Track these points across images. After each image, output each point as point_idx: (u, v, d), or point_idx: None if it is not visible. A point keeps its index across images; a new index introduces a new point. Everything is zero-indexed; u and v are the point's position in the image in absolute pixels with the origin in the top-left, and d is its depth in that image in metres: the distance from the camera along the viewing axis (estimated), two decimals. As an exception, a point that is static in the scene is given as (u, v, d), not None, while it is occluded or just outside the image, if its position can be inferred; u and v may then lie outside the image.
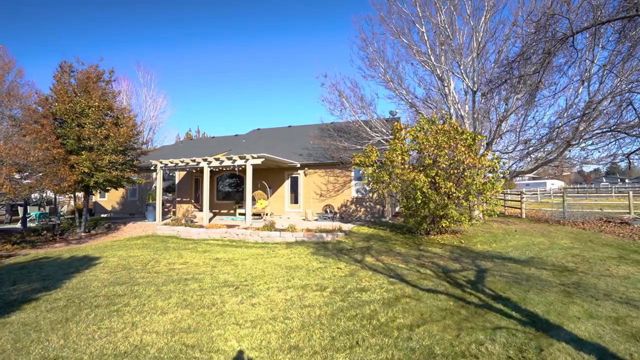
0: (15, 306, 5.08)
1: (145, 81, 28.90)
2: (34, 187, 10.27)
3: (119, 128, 12.36)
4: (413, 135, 10.59)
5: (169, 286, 5.86)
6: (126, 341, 3.77)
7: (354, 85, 14.96)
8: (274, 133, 21.77)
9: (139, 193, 20.26)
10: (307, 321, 4.18)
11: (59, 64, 12.28)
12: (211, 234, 11.37)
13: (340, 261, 7.61)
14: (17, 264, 8.43)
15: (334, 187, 15.78)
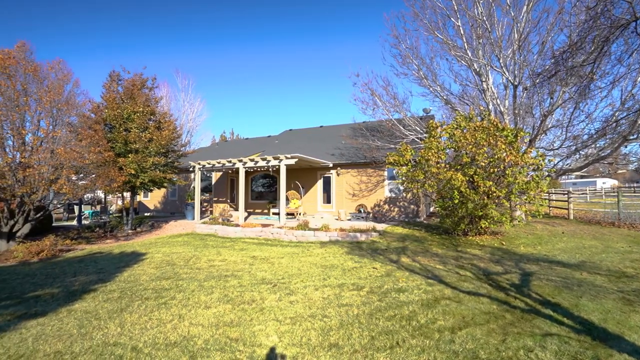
0: (77, 295, 5.56)
1: (183, 86, 30.39)
2: (89, 188, 11.17)
3: (161, 131, 13.11)
4: (449, 133, 10.26)
5: (210, 282, 6.13)
6: (175, 332, 4.00)
7: (387, 83, 14.74)
8: (306, 133, 22.00)
9: (179, 193, 21.32)
10: (346, 320, 4.20)
11: (108, 74, 13.28)
12: (247, 232, 11.73)
13: (376, 261, 7.55)
14: (76, 258, 9.20)
15: (366, 186, 15.66)
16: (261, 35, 76.21)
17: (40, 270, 7.75)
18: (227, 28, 73.19)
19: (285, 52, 76.73)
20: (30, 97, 9.58)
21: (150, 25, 68.28)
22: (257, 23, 73.11)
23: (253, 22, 72.84)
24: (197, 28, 71.41)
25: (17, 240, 10.12)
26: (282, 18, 72.14)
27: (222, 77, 72.53)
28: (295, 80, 78.56)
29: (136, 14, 65.56)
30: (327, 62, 76.14)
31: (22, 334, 4.08)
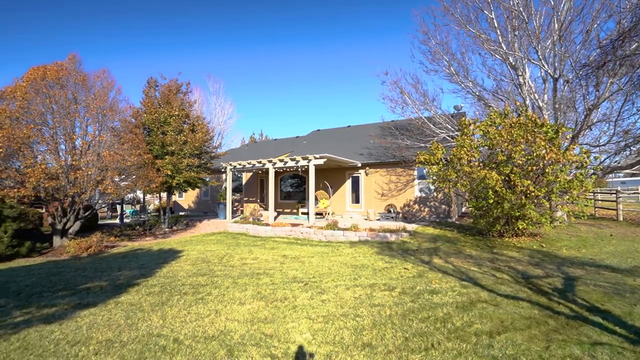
0: (122, 289, 5.94)
1: (215, 90, 31.49)
2: (130, 188, 11.89)
3: (194, 134, 13.68)
4: (483, 130, 9.88)
5: (243, 279, 6.32)
6: (212, 326, 4.17)
7: (416, 81, 14.45)
8: (334, 133, 22.04)
9: (211, 193, 22.11)
10: (378, 320, 4.18)
11: (147, 80, 14.06)
12: (277, 232, 11.95)
13: (407, 262, 7.44)
14: (120, 254, 9.82)
15: (396, 186, 15.44)
16: (289, 37, 77.17)
17: (90, 265, 8.35)
18: (256, 29, 74.78)
19: (313, 53, 77.18)
20: (79, 104, 10.35)
21: (181, 27, 71.06)
22: (286, 25, 74.06)
23: (282, 23, 73.84)
24: (227, 30, 73.49)
25: (69, 236, 10.97)
26: (311, 21, 72.58)
27: (251, 79, 74.20)
28: (322, 81, 78.80)
29: (167, 15, 68.55)
30: (354, 61, 75.70)
31: (78, 322, 4.43)
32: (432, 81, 42.07)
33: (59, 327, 4.29)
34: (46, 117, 9.94)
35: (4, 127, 8.85)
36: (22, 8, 61.65)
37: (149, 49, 72.09)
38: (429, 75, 29.09)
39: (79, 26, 68.92)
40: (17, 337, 3.98)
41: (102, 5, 65.89)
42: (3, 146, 8.73)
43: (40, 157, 9.90)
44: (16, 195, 9.08)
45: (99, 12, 66.26)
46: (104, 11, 66.21)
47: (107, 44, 70.41)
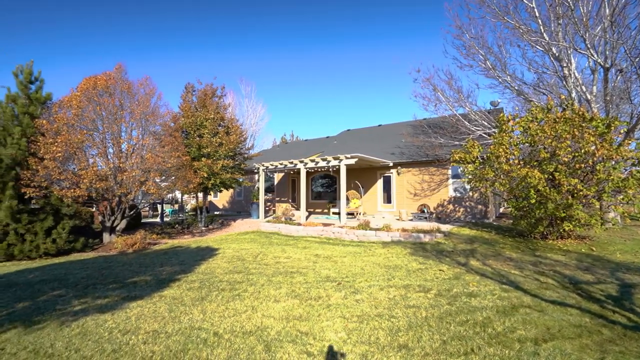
0: (165, 284, 6.29)
1: (247, 93, 32.43)
2: (170, 188, 12.55)
3: (229, 136, 14.18)
4: (523, 126, 9.37)
5: (277, 277, 6.46)
6: (250, 322, 4.31)
7: (449, 77, 13.97)
8: (364, 133, 21.88)
9: (244, 193, 22.77)
10: (414, 322, 4.12)
11: (184, 86, 14.77)
12: (309, 231, 12.08)
13: (442, 263, 7.24)
14: (161, 250, 10.40)
15: (429, 185, 15.05)
16: (320, 38, 77.49)
17: (135, 260, 8.92)
18: (286, 31, 75.87)
19: (343, 53, 76.94)
20: (125, 110, 11.09)
21: (214, 30, 73.61)
22: (317, 25, 74.51)
23: (313, 24, 74.37)
24: (258, 32, 75.15)
25: (116, 233, 11.79)
26: (342, 22, 72.46)
27: (282, 80, 75.31)
28: (353, 81, 78.33)
29: (200, 17, 71.29)
30: (384, 60, 74.64)
31: (127, 312, 4.76)
32: (466, 77, 40.50)
33: (111, 316, 4.63)
34: (97, 123, 10.75)
35: (62, 133, 9.70)
36: (62, 20, 66.96)
37: (183, 54, 75.41)
38: (463, 71, 27.92)
39: (118, 35, 73.61)
40: (77, 324, 4.35)
41: (139, 13, 69.96)
42: (61, 150, 9.57)
43: (91, 160, 10.73)
44: (72, 195, 9.91)
45: (135, 17, 70.38)
46: (139, 15, 70.23)
47: (144, 47, 74.53)
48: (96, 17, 68.08)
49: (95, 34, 71.06)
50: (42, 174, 9.52)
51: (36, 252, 9.82)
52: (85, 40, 72.20)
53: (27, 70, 10.76)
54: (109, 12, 67.22)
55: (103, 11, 66.71)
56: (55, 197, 10.19)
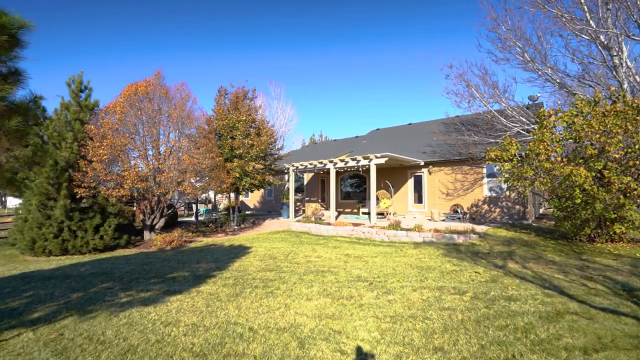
0: (202, 280, 6.56)
1: (276, 94, 33.02)
2: (205, 188, 13.07)
3: (260, 137, 14.52)
4: (567, 121, 8.81)
5: (309, 276, 6.53)
6: (283, 319, 4.39)
7: (484, 72, 13.40)
8: (394, 132, 21.55)
9: (274, 193, 23.20)
10: (449, 324, 4.01)
11: (217, 89, 15.32)
12: (338, 231, 12.09)
13: (477, 265, 6.97)
14: (197, 248, 10.85)
15: (462, 185, 14.54)
16: (348, 38, 77.11)
17: (173, 257, 9.37)
18: (313, 32, 76.30)
19: (370, 53, 76.09)
20: (162, 115, 11.69)
21: (242, 31, 75.35)
22: (345, 25, 74.21)
23: (340, 24, 74.19)
24: (286, 33, 76.09)
25: (155, 231, 12.45)
26: (368, 23, 71.70)
27: (310, 80, 75.77)
28: (381, 80, 77.23)
29: (227, 18, 73.30)
30: (413, 58, 72.99)
31: (168, 306, 5.02)
32: (503, 71, 38.46)
33: (153, 309, 4.91)
34: (138, 127, 11.43)
35: (108, 137, 10.41)
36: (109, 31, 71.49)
37: (214, 54, 77.93)
38: (499, 65, 26.51)
39: (155, 40, 77.52)
40: (124, 315, 4.66)
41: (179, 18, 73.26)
42: (107, 153, 10.27)
43: (133, 162, 11.41)
44: (116, 194, 10.61)
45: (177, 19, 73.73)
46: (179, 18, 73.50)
47: (177, 49, 77.81)
48: (135, 24, 72.26)
49: (133, 39, 75.44)
50: (90, 175, 10.26)
51: (86, 248, 10.60)
52: (124, 44, 76.83)
53: (78, 80, 11.65)
54: (145, 22, 71.09)
55: (141, 20, 70.69)
56: (102, 196, 10.95)
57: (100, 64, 74.24)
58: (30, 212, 10.42)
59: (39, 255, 10.28)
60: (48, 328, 4.28)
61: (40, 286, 6.50)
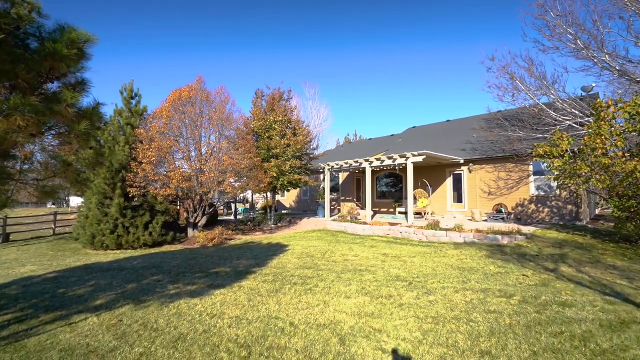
0: (243, 275, 6.81)
1: (311, 95, 33.38)
2: (243, 188, 13.54)
3: (296, 137, 14.76)
4: (630, 112, 8.01)
5: (347, 275, 6.54)
6: (323, 316, 4.44)
7: (530, 63, 12.55)
8: (431, 129, 20.90)
9: (310, 193, 23.45)
10: (496, 328, 3.82)
11: (255, 92, 15.82)
12: (375, 230, 11.96)
13: (525, 268, 6.58)
14: (236, 245, 11.27)
15: (505, 184, 13.77)
16: (382, 38, 75.91)
17: (215, 253, 9.81)
18: (347, 31, 75.97)
19: (406, 52, 74.29)
20: (204, 118, 12.28)
21: (276, 32, 76.79)
22: (379, 26, 73.20)
23: (376, 25, 73.27)
24: (321, 32, 76.45)
25: (198, 229, 13.11)
26: (405, 23, 70.06)
27: (344, 80, 75.54)
28: (417, 77, 75.12)
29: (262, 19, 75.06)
30: (449, 55, 70.23)
31: (212, 299, 5.28)
32: (551, 61, 35.54)
33: (200, 301, 5.18)
34: (182, 130, 12.11)
35: (155, 140, 11.15)
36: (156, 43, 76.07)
37: (251, 56, 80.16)
38: (547, 55, 24.51)
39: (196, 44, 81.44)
40: (173, 306, 4.97)
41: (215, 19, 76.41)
42: (155, 155, 11.01)
43: (178, 163, 12.11)
44: (164, 194, 11.32)
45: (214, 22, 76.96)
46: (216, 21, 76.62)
47: (216, 49, 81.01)
48: (174, 27, 76.40)
49: (172, 41, 79.77)
50: (141, 175, 11.05)
51: (137, 243, 11.42)
52: (164, 46, 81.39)
53: (129, 88, 12.59)
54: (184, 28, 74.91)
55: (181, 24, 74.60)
56: (151, 195, 11.75)
57: (143, 67, 79.42)
58: (90, 209, 11.44)
59: (97, 249, 11.25)
60: (109, 314, 4.68)
61: (100, 277, 7.11)
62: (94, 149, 4.35)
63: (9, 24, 3.13)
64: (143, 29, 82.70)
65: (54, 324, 4.40)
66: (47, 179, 3.80)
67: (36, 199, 4.60)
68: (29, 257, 10.33)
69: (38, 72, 3.31)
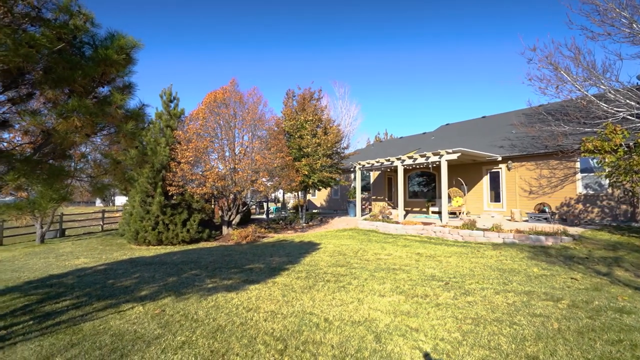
0: (276, 272, 6.94)
1: (340, 94, 33.24)
2: (276, 187, 13.79)
3: (327, 136, 14.80)
4: (696, 101, 7.23)
5: (380, 273, 6.46)
6: (357, 313, 4.42)
7: (576, 51, 11.68)
8: (465, 126, 20.10)
9: (340, 192, 23.41)
10: (543, 332, 3.60)
11: (285, 92, 16.05)
12: (407, 230, 11.71)
13: (573, 270, 6.14)
14: (269, 243, 11.50)
15: (548, 182, 12.94)
16: (413, 36, 74.03)
17: (248, 250, 10.08)
18: (377, 30, 75.00)
19: (436, 49, 71.98)
20: (237, 119, 12.65)
21: (306, 31, 77.30)
22: (412, 25, 71.54)
23: (407, 23, 71.69)
24: (351, 31, 76.01)
25: (232, 227, 13.53)
26: (438, 21, 67.86)
27: (375, 79, 74.53)
28: (449, 74, 72.57)
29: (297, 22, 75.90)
30: (484, 47, 67.14)
31: (248, 293, 5.42)
32: (602, 48, 32.55)
33: (236, 295, 5.34)
34: (216, 131, 12.56)
35: (192, 140, 11.66)
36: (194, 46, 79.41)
37: (282, 55, 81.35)
38: (596, 42, 22.56)
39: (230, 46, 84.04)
40: (211, 299, 5.16)
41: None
42: (192, 155, 11.51)
43: (213, 163, 12.57)
44: (200, 192, 11.80)
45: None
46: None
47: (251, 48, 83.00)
48: (207, 28, 79.37)
49: (206, 39, 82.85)
50: (179, 175, 11.59)
51: (176, 239, 12.00)
52: (199, 45, 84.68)
53: (168, 92, 13.26)
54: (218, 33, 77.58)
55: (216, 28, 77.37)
56: (188, 194, 12.29)
57: (175, 69, 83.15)
58: (134, 207, 12.18)
59: (140, 244, 11.95)
60: (153, 304, 4.96)
61: (144, 270, 7.55)
62: (138, 149, 4.63)
63: (68, 34, 3.42)
64: (175, 30, 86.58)
65: (105, 311, 4.74)
66: (99, 176, 4.10)
67: (88, 195, 4.99)
68: (82, 250, 11.19)
69: (92, 77, 3.58)
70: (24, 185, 3.54)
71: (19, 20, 3.19)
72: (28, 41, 2.88)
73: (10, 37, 2.68)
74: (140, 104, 4.23)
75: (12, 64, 2.81)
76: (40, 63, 3.20)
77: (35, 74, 3.42)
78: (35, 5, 3.30)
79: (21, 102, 3.67)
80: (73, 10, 3.52)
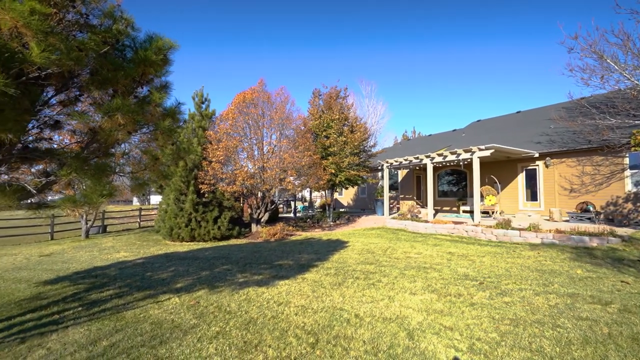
0: (305, 268, 6.99)
1: (367, 93, 32.97)
2: (303, 185, 13.91)
3: (353, 134, 14.72)
4: None
5: (410, 271, 6.33)
6: (388, 310, 4.35)
7: (626, 37, 10.81)
8: (499, 122, 19.25)
9: (368, 191, 23.21)
10: (591, 337, 3.37)
11: (312, 92, 16.14)
12: (437, 229, 11.39)
13: (623, 273, 5.71)
14: (297, 241, 11.61)
15: (592, 179, 12.10)
16: (443, 34, 71.83)
17: (277, 247, 10.23)
18: (402, 28, 73.49)
19: (466, 49, 69.41)
20: (265, 118, 12.88)
21: (332, 29, 77.14)
22: (441, 23, 69.46)
23: (433, 19, 69.67)
24: (378, 29, 75.00)
25: (261, 224, 13.80)
26: (469, 19, 65.48)
27: (402, 77, 73.00)
28: (481, 68, 69.67)
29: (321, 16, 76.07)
30: (519, 40, 63.78)
31: (278, 288, 5.50)
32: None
33: (266, 289, 5.44)
34: (245, 130, 12.85)
35: (223, 140, 12.01)
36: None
37: (308, 54, 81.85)
38: (645, 29, 20.38)
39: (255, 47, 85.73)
40: (243, 292, 5.29)
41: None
42: (223, 154, 11.86)
43: (243, 162, 12.88)
44: (230, 190, 12.14)
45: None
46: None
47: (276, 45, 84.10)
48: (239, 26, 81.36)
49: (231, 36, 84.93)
50: (211, 173, 11.98)
51: (207, 236, 12.41)
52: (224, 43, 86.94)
53: (200, 94, 13.76)
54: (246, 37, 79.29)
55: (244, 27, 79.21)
56: (219, 192, 12.68)
57: (203, 68, 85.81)
58: (169, 204, 12.74)
59: (174, 240, 12.48)
60: (188, 296, 5.16)
61: (178, 264, 7.88)
62: (174, 145, 4.84)
63: (111, 37, 3.63)
64: (198, 33, 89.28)
65: (145, 300, 4.99)
66: (139, 172, 4.32)
67: (127, 193, 5.27)
68: (122, 245, 11.86)
69: (133, 78, 3.78)
70: (75, 181, 3.81)
71: (69, 27, 3.44)
72: (78, 45, 3.10)
73: (64, 43, 2.88)
74: (176, 102, 4.41)
75: (65, 67, 3.02)
76: (88, 66, 3.43)
77: (82, 78, 3.68)
78: (84, 13, 3.54)
79: (70, 105, 3.96)
80: (116, 16, 3.74)
